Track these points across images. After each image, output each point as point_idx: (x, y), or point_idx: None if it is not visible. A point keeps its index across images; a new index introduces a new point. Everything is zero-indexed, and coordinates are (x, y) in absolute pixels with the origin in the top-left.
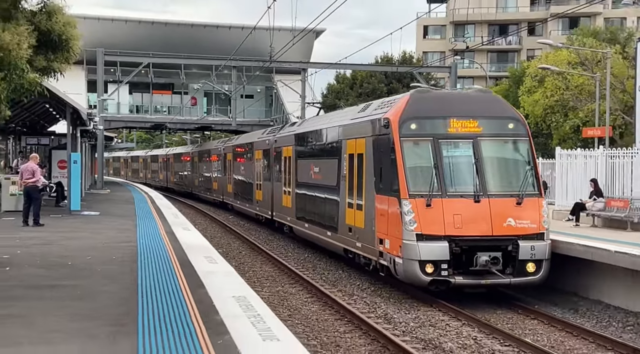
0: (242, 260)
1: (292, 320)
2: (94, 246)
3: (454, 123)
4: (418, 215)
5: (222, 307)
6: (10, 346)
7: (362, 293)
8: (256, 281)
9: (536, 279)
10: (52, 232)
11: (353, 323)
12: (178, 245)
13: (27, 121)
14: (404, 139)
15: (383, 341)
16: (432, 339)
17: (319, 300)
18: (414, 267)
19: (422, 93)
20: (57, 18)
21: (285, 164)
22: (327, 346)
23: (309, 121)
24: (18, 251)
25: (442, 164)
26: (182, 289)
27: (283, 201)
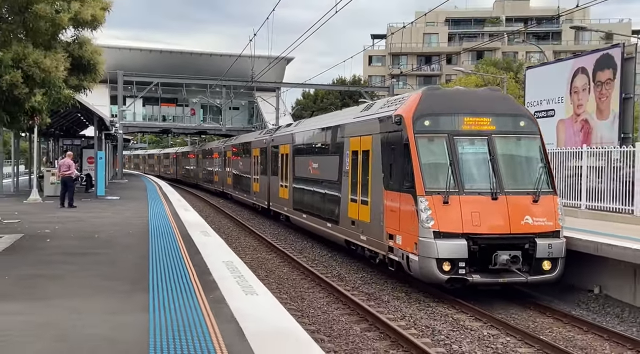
0: (230, 234)
1: (268, 279)
2: (115, 223)
3: (467, 120)
4: (435, 212)
5: (214, 269)
6: (53, 298)
7: (321, 258)
8: (241, 250)
9: (552, 277)
10: (83, 212)
11: (315, 281)
12: (180, 222)
13: (63, 127)
14: (418, 136)
15: (336, 294)
16: (374, 293)
17: (288, 264)
18: (430, 265)
19: (434, 91)
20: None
21: (282, 160)
22: (295, 298)
23: (305, 122)
24: (56, 227)
25: (458, 160)
26: (183, 256)
27: (280, 193)
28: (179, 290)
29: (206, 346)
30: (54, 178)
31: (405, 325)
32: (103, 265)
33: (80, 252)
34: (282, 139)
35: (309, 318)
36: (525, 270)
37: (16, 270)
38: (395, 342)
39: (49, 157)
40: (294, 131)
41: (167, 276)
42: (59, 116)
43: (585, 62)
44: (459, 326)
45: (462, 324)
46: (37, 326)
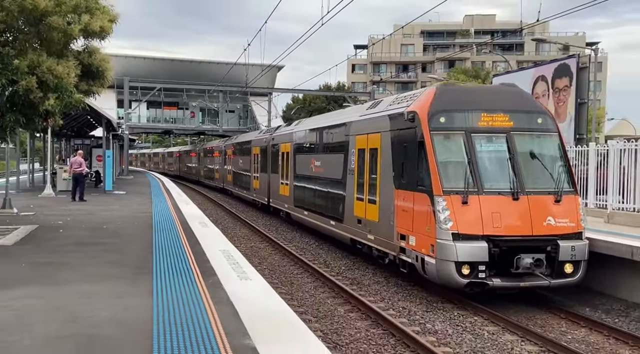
0: (226, 225)
1: (261, 266)
2: (122, 215)
3: (484, 117)
4: (454, 213)
5: (211, 257)
6: (65, 283)
7: (309, 247)
8: (236, 240)
9: (574, 280)
10: (93, 206)
11: (303, 267)
12: (181, 215)
13: (74, 128)
14: (434, 133)
15: (323, 279)
16: (356, 278)
17: (279, 252)
18: (449, 268)
19: (449, 86)
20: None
21: (283, 158)
22: (285, 283)
23: (306, 122)
24: (68, 218)
25: (476, 159)
26: (184, 245)
27: (280, 190)
28: (180, 276)
29: (204, 325)
30: (66, 174)
31: (384, 307)
32: (111, 253)
33: (90, 241)
34: (283, 138)
35: (298, 301)
36: (547, 273)
37: (31, 258)
38: (376, 322)
39: (62, 156)
40: (295, 130)
41: (169, 263)
42: (71, 118)
43: (545, 71)
44: (433, 308)
45: (435, 306)
46: (51, 309)
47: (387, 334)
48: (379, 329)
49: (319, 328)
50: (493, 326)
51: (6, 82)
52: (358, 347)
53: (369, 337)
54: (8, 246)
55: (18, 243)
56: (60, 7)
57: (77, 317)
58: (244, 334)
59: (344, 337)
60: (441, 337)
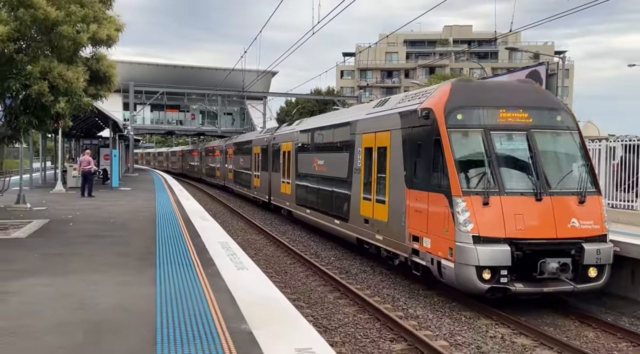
0: (224, 219)
1: (257, 257)
2: (127, 210)
3: (503, 114)
4: (474, 215)
5: (211, 249)
6: (75, 273)
7: (301, 238)
8: (233, 232)
9: (599, 285)
10: (100, 201)
11: (295, 258)
12: (182, 209)
13: (83, 129)
14: (451, 130)
15: (314, 268)
16: (345, 267)
17: (273, 244)
18: (469, 273)
19: (465, 82)
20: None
21: (284, 157)
22: (279, 272)
23: (308, 121)
24: (78, 213)
25: (497, 157)
26: (185, 238)
27: (282, 188)
28: (182, 266)
29: (204, 312)
30: (75, 172)
31: (370, 293)
32: (117, 245)
33: (98, 234)
34: (284, 138)
35: (291, 288)
36: (571, 278)
37: (44, 249)
38: (362, 307)
39: (71, 155)
40: (297, 130)
41: (172, 254)
42: (80, 120)
43: (517, 77)
44: (415, 295)
45: (417, 293)
46: (61, 296)
47: (373, 319)
48: (365, 315)
49: (310, 314)
50: (470, 312)
51: (20, 86)
52: (346, 331)
53: (356, 322)
54: (22, 239)
55: (31, 236)
56: (70, 17)
57: (85, 304)
58: (241, 320)
59: (333, 322)
60: (422, 321)
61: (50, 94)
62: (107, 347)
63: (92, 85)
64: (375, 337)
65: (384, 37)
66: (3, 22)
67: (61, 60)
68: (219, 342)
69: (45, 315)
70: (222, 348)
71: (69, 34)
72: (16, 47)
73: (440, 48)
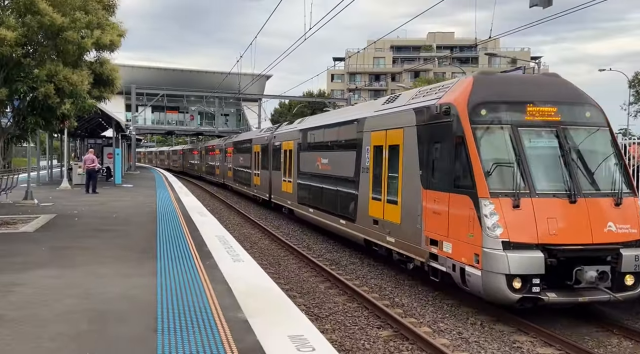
0: (222, 214)
1: (252, 250)
2: (129, 205)
3: (531, 109)
4: (504, 218)
5: (209, 242)
6: (80, 265)
7: (294, 233)
8: (230, 226)
9: (636, 293)
10: (104, 197)
11: (289, 250)
12: (182, 205)
13: (88, 129)
14: (476, 127)
15: (306, 260)
16: (335, 259)
17: (268, 238)
18: (498, 282)
19: (488, 75)
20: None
21: (286, 156)
22: (273, 264)
23: (310, 120)
24: (83, 208)
25: (526, 156)
26: (184, 232)
27: (283, 187)
28: (181, 258)
29: (202, 301)
30: (80, 170)
31: (359, 284)
32: (120, 239)
33: (102, 228)
34: (285, 136)
35: (284, 279)
36: (608, 286)
37: (50, 243)
38: (351, 297)
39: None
40: (299, 128)
41: (171, 247)
42: (84, 120)
43: None
44: (400, 284)
45: (403, 283)
46: (67, 287)
47: (361, 307)
48: (354, 304)
49: (302, 303)
50: (452, 300)
51: (27, 89)
52: (336, 319)
53: (345, 310)
54: (30, 233)
55: (39, 230)
56: (75, 24)
57: (90, 294)
58: (237, 309)
59: (324, 310)
60: (407, 309)
61: (56, 96)
62: (110, 334)
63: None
64: (363, 324)
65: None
66: (11, 28)
67: (66, 64)
68: (216, 329)
69: (52, 305)
70: (220, 335)
71: (74, 39)
72: (24, 51)
73: (425, 53)
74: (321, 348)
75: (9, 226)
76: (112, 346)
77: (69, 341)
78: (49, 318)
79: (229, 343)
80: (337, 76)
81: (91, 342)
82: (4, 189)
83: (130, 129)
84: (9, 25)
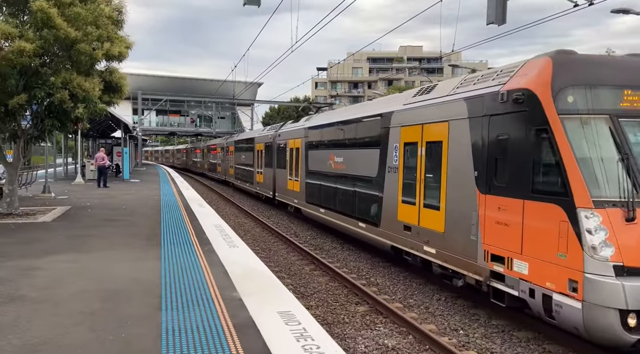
0: (219, 206)
1: (246, 237)
2: (137, 198)
3: (628, 95)
4: (615, 235)
5: (207, 230)
6: (92, 251)
7: (282, 221)
8: (226, 217)
9: None
10: (114, 191)
11: (278, 237)
12: (183, 198)
13: (99, 130)
14: (565, 117)
15: (293, 246)
16: (319, 245)
17: (260, 226)
18: (608, 318)
19: (569, 55)
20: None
21: (292, 154)
22: (265, 249)
23: (318, 117)
24: (95, 201)
25: (634, 154)
26: (185, 221)
27: (288, 185)
28: (182, 244)
29: (201, 282)
30: (92, 167)
31: (339, 266)
32: (128, 227)
33: (112, 218)
34: (291, 134)
35: (274, 262)
36: None
37: (66, 231)
38: (333, 277)
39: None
40: (307, 126)
41: (174, 235)
42: (96, 123)
43: None
44: (376, 266)
45: (378, 265)
46: (81, 270)
47: (342, 286)
48: (335, 283)
49: (290, 283)
50: (420, 279)
51: (45, 94)
52: (320, 296)
53: (328, 289)
54: (48, 222)
55: (56, 220)
56: (87, 37)
57: (102, 276)
58: (232, 289)
59: (309, 289)
60: (381, 287)
61: (71, 101)
62: (120, 311)
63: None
64: (343, 301)
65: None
66: (30, 41)
67: (79, 72)
68: (214, 307)
69: (69, 286)
70: (217, 311)
71: (86, 51)
72: (41, 61)
73: (397, 64)
74: (306, 322)
75: (29, 217)
76: (122, 322)
77: (84, 318)
78: (66, 297)
79: (225, 319)
80: (321, 84)
81: (103, 319)
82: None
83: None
84: (28, 38)
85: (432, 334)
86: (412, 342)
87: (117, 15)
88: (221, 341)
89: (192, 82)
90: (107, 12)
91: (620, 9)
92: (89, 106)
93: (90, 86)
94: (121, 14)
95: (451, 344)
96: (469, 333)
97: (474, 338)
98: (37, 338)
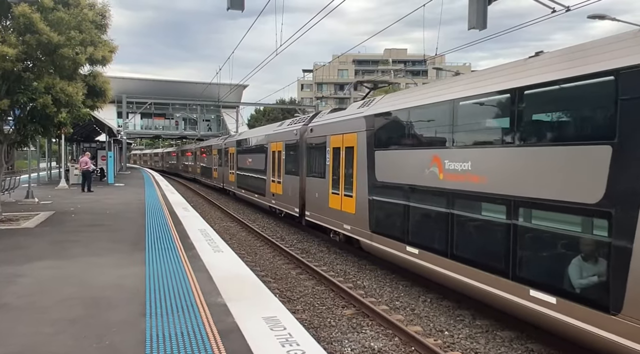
0: (203, 209)
1: (231, 241)
2: (121, 202)
3: None
4: None
5: (191, 235)
6: (76, 257)
7: (268, 225)
8: (211, 221)
9: None
10: (98, 195)
11: (264, 241)
12: (168, 202)
13: (83, 134)
14: None
15: (279, 250)
16: (305, 248)
17: (245, 230)
18: None
19: None
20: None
21: (339, 156)
22: (250, 253)
23: (392, 99)
24: (79, 206)
25: None
26: (170, 225)
27: (330, 202)
28: (167, 249)
29: (186, 288)
30: (76, 171)
31: (326, 269)
32: (112, 232)
33: (96, 223)
34: (337, 127)
35: (260, 267)
36: None
37: (49, 237)
38: (320, 281)
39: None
40: (373, 112)
41: (158, 239)
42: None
43: None
44: (362, 269)
45: (365, 268)
46: (65, 276)
47: (328, 289)
48: (322, 287)
49: (276, 287)
50: (406, 281)
51: (27, 100)
52: (306, 300)
53: (314, 292)
54: (31, 228)
55: (39, 225)
56: (70, 41)
57: (86, 283)
58: (217, 294)
59: (295, 293)
60: (368, 290)
61: (54, 106)
62: (103, 318)
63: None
64: (330, 305)
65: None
66: (12, 46)
67: (63, 77)
68: (198, 313)
69: (51, 293)
70: (201, 317)
71: (69, 55)
72: (24, 66)
73: (382, 67)
74: (292, 327)
75: (12, 223)
76: (106, 329)
77: (67, 326)
78: (49, 305)
79: (210, 325)
80: (307, 86)
81: (87, 326)
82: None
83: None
84: (11, 43)
85: (418, 336)
86: (398, 344)
87: (100, 19)
88: (205, 348)
89: (176, 85)
90: (90, 16)
91: (597, 14)
92: (72, 110)
93: (74, 91)
94: (105, 18)
95: (437, 346)
96: (454, 333)
97: (459, 339)
98: (19, 346)
